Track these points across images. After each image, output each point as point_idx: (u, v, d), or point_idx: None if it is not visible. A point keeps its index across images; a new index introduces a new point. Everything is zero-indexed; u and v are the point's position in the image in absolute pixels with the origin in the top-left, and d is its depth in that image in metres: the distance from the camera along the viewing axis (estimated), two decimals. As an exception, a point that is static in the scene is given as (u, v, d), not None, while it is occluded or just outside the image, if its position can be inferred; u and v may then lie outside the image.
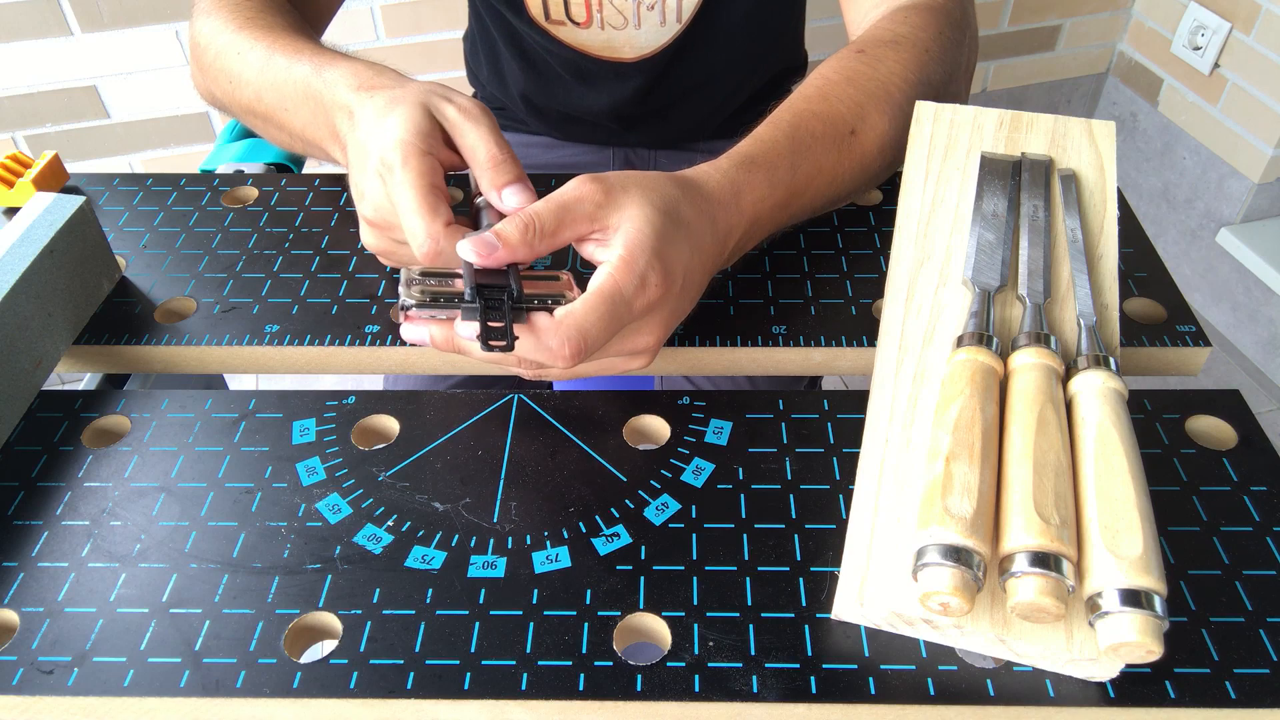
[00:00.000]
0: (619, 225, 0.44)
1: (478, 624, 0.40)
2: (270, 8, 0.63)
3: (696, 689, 0.37)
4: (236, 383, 1.39)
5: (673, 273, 0.44)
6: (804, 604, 0.40)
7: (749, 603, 0.40)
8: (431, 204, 0.46)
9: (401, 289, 0.44)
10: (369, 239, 0.51)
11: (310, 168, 0.79)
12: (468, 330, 0.43)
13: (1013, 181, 0.52)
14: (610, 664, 0.38)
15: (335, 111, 0.52)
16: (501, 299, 0.43)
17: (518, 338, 0.43)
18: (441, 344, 0.45)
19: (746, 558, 0.42)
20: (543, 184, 0.64)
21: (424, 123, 0.48)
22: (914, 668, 0.38)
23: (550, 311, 0.43)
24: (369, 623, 0.40)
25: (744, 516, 0.44)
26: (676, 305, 0.46)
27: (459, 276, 0.45)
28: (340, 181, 0.65)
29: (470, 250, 0.43)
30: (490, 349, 0.42)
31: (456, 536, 0.43)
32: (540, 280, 0.46)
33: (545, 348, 0.43)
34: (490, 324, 0.42)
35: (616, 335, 0.44)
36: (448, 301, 0.43)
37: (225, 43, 0.60)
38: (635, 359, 0.47)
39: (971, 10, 0.66)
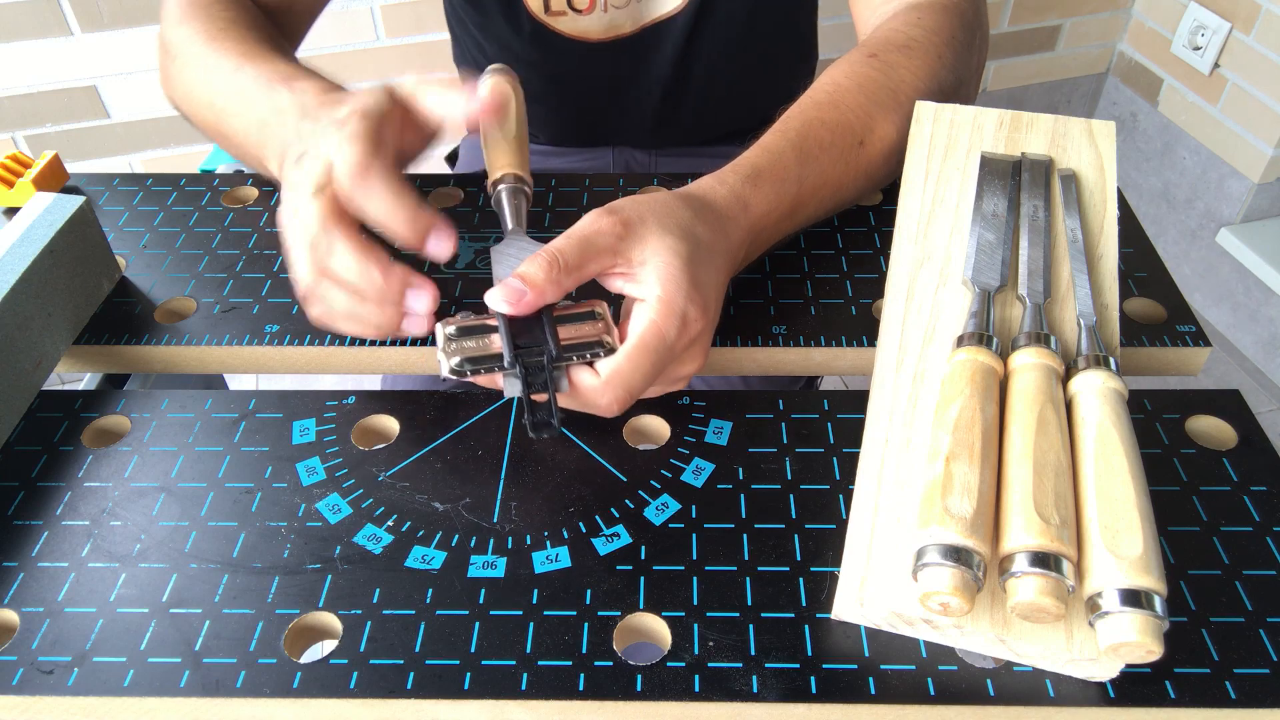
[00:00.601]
0: (645, 259, 0.44)
1: (478, 624, 0.40)
2: (244, 20, 0.63)
3: (696, 689, 0.37)
4: (236, 383, 1.39)
5: (708, 301, 0.45)
6: (804, 604, 0.40)
7: (749, 603, 0.40)
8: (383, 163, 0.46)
9: (440, 355, 0.44)
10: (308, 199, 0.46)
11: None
12: (512, 392, 0.44)
13: (1013, 181, 0.52)
14: (610, 664, 0.38)
15: (291, 113, 0.52)
16: (541, 361, 0.43)
17: (564, 414, 0.44)
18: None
19: (746, 558, 0.42)
20: (543, 184, 0.64)
21: (383, 103, 0.48)
22: (914, 668, 0.38)
23: (591, 364, 0.44)
24: (369, 623, 0.40)
25: (744, 516, 0.44)
26: (712, 328, 0.47)
27: (494, 329, 0.45)
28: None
29: (501, 300, 0.43)
30: (539, 436, 0.45)
31: (456, 536, 0.43)
32: (575, 321, 0.45)
33: (593, 404, 0.44)
34: (534, 397, 0.43)
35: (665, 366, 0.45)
36: (488, 370, 0.44)
37: (194, 52, 0.60)
38: (677, 384, 0.48)
39: (983, 9, 0.65)
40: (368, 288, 0.45)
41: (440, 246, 0.47)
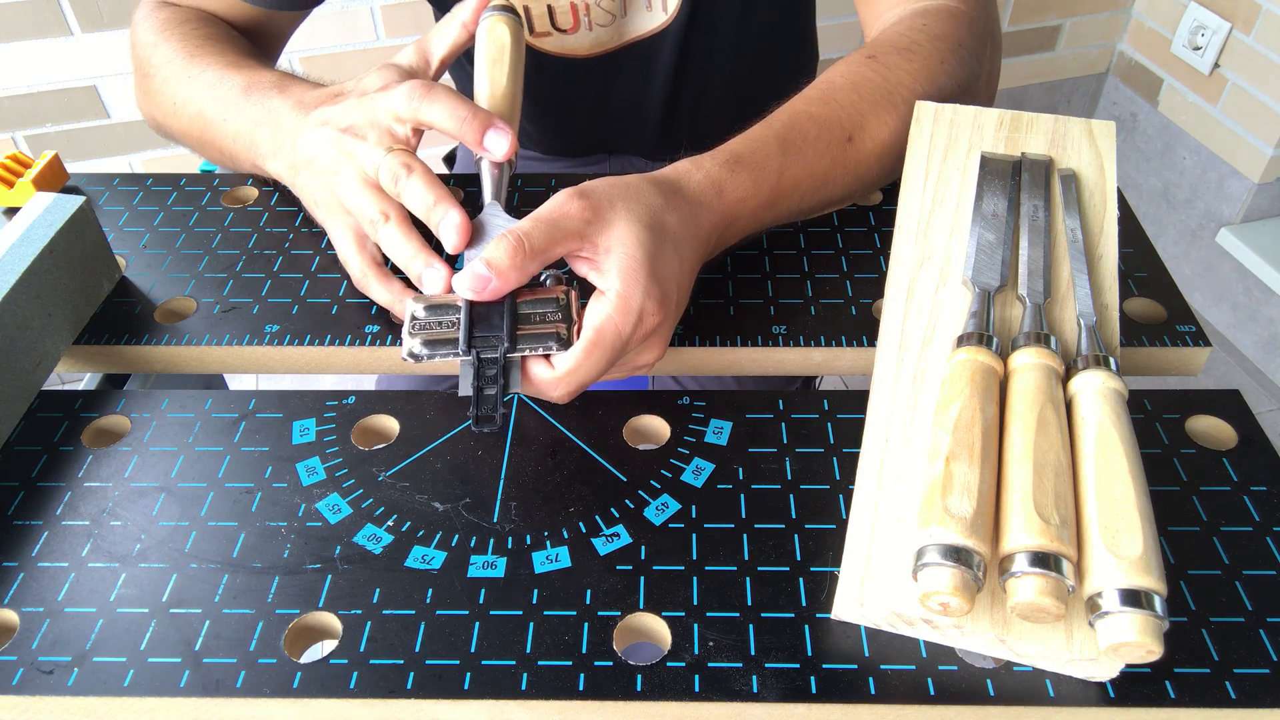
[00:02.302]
0: (610, 246, 0.45)
1: (478, 624, 0.40)
2: (220, 36, 0.65)
3: (696, 689, 0.37)
4: (236, 383, 1.39)
5: (667, 294, 0.45)
6: (804, 604, 0.40)
7: (749, 603, 0.40)
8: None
9: (405, 334, 0.45)
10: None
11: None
12: (465, 387, 0.44)
13: (1013, 181, 0.52)
14: (610, 664, 0.38)
15: (285, 111, 0.55)
16: (495, 356, 0.44)
17: (505, 412, 0.44)
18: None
19: (746, 558, 0.42)
20: (542, 184, 0.64)
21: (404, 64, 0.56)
22: (914, 668, 0.38)
23: (546, 358, 0.44)
24: (369, 623, 0.40)
25: (744, 516, 0.44)
26: (674, 318, 0.47)
27: (460, 309, 0.45)
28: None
29: (467, 287, 0.44)
30: (481, 430, 0.44)
31: (456, 536, 0.43)
32: (538, 306, 0.45)
33: (545, 395, 0.45)
34: (483, 391, 0.44)
35: (619, 360, 0.45)
36: (443, 356, 0.44)
37: (176, 68, 0.62)
38: (637, 372, 0.49)
39: (995, 17, 0.65)
40: (434, 209, 0.48)
41: (497, 140, 0.49)
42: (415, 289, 0.52)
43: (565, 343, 0.44)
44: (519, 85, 0.56)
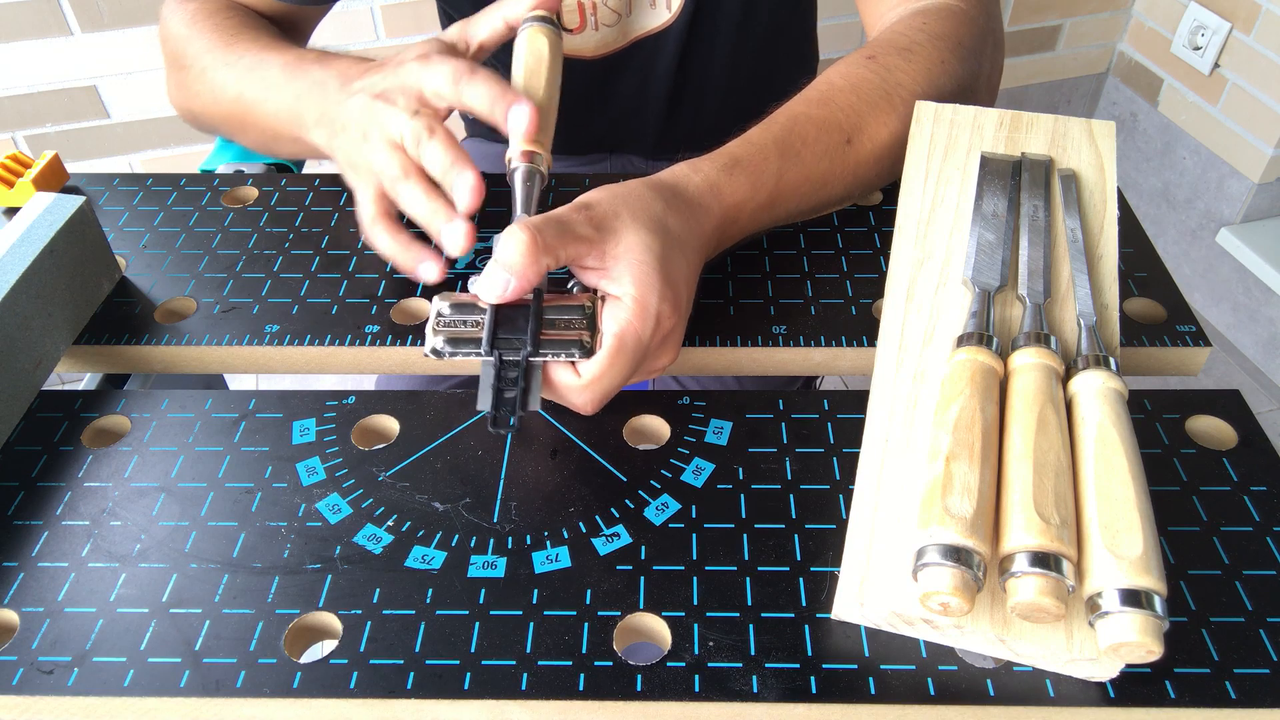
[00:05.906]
0: (619, 255, 0.45)
1: (478, 624, 0.40)
2: (253, 24, 0.66)
3: (696, 689, 0.37)
4: (236, 383, 1.39)
5: (679, 296, 0.46)
6: (804, 604, 0.40)
7: (749, 603, 0.40)
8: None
9: (429, 330, 0.45)
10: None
11: (310, 168, 0.79)
12: (486, 396, 0.44)
13: (1013, 181, 0.52)
14: (610, 664, 0.38)
15: (331, 84, 0.56)
16: (517, 359, 0.44)
17: (523, 414, 0.44)
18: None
19: (746, 558, 0.42)
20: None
21: (445, 40, 0.57)
22: (914, 668, 0.38)
23: (568, 362, 0.44)
24: (369, 623, 0.40)
25: (744, 516, 0.44)
26: (685, 319, 0.48)
27: (485, 310, 0.46)
28: (340, 181, 0.65)
29: (488, 293, 0.44)
30: (497, 430, 0.44)
31: (456, 536, 0.43)
32: (563, 313, 0.45)
33: (569, 402, 0.46)
34: (503, 393, 0.44)
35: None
36: (466, 354, 0.44)
37: (213, 58, 0.63)
38: (651, 375, 0.49)
39: (997, 15, 0.65)
40: (461, 173, 0.49)
41: (519, 113, 0.50)
42: (424, 244, 0.52)
43: (588, 350, 0.44)
44: (554, 97, 0.56)
